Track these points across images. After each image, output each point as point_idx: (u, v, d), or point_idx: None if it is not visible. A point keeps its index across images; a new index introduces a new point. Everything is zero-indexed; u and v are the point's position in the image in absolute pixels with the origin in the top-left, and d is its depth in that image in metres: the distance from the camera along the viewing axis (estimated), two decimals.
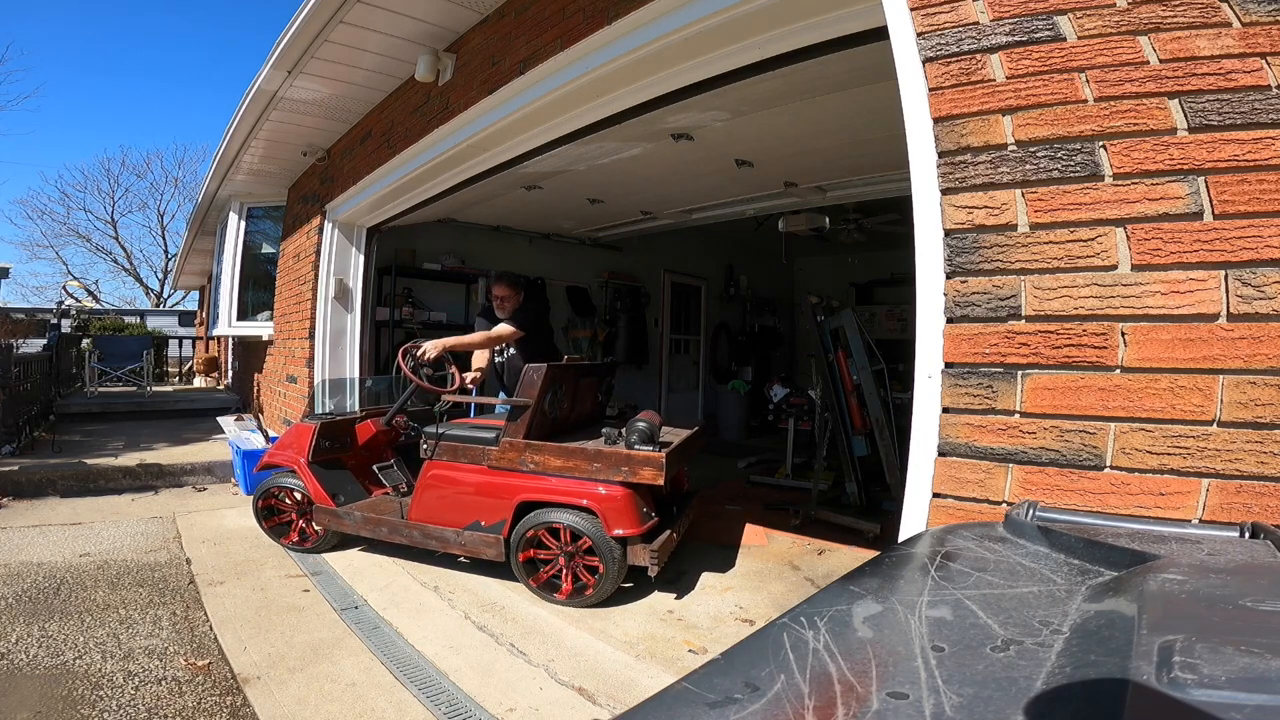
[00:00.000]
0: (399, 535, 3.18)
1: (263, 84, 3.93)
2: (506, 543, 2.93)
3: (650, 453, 2.80)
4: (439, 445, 3.16)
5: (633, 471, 2.78)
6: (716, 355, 8.88)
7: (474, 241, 6.63)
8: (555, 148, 3.30)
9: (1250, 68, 1.08)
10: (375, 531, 3.25)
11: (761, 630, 0.62)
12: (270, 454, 3.73)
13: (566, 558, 2.84)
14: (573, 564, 2.84)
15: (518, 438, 2.97)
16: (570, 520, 2.81)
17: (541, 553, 2.90)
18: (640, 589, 2.98)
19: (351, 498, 3.48)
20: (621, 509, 2.78)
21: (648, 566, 2.75)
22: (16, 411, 5.35)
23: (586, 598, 2.79)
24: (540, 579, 2.88)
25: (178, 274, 13.32)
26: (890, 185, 4.49)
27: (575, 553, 2.83)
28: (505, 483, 2.98)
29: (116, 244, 24.86)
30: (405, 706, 2.04)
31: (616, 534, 2.75)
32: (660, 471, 2.74)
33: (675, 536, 3.01)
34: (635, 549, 2.77)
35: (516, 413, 3.02)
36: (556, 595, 2.84)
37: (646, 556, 2.75)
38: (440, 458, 3.15)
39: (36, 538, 3.56)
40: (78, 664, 2.22)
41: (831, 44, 2.03)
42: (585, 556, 2.81)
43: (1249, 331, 1.01)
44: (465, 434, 3.15)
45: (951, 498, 1.23)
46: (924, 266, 1.30)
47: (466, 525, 3.03)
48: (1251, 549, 0.79)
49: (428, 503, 3.14)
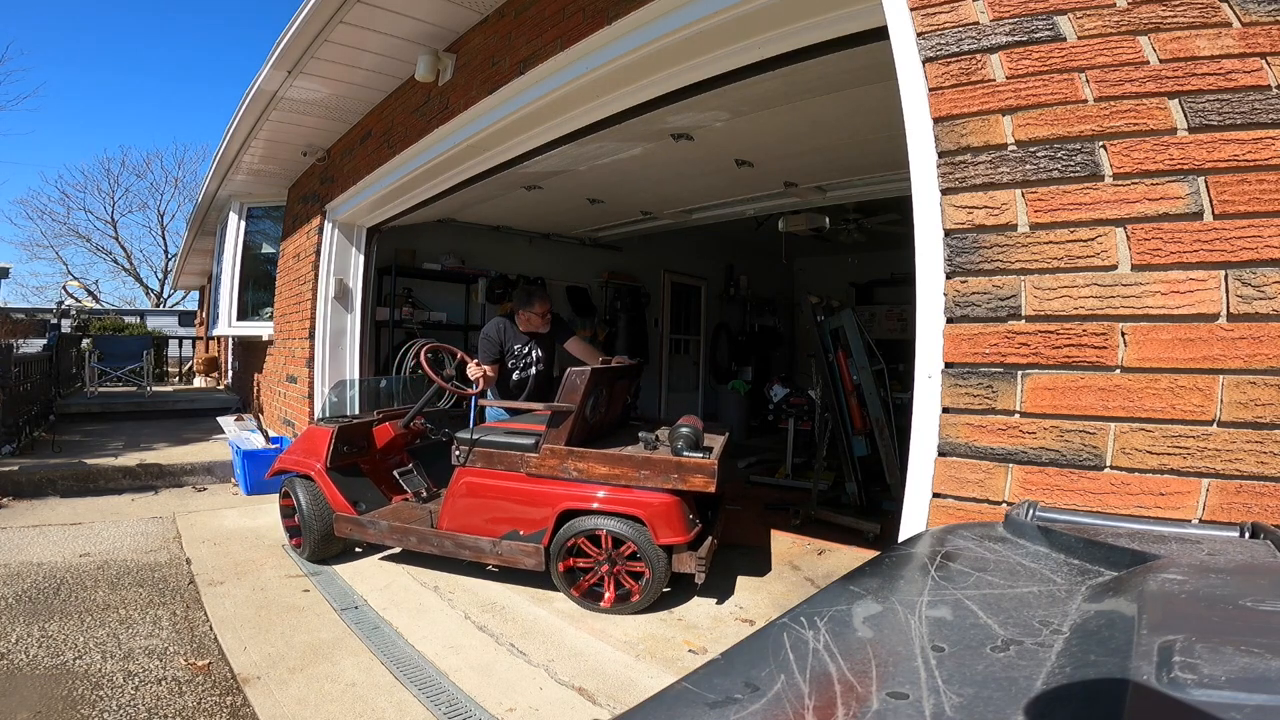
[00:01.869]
0: (429, 545, 3.06)
1: (263, 84, 3.93)
2: (546, 552, 2.82)
3: (702, 460, 2.72)
4: (473, 452, 3.03)
5: (683, 479, 2.71)
6: (716, 355, 8.88)
7: (474, 241, 6.63)
8: (555, 148, 3.29)
9: (1250, 68, 1.08)
10: (403, 541, 3.13)
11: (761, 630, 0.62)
12: (283, 459, 3.58)
13: (609, 565, 2.76)
14: (615, 572, 2.76)
15: (559, 444, 2.87)
16: (615, 528, 2.73)
17: (580, 561, 2.82)
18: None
19: (372, 505, 3.35)
20: (670, 517, 2.71)
21: (694, 574, 2.69)
22: (16, 411, 5.35)
23: (632, 604, 2.74)
24: (581, 588, 2.80)
25: (178, 274, 13.32)
26: (890, 185, 4.49)
27: (617, 560, 2.75)
28: (546, 491, 2.87)
29: (116, 244, 24.90)
30: (405, 706, 2.04)
31: (665, 542, 2.68)
32: (712, 479, 2.68)
33: (714, 541, 2.95)
34: (682, 556, 2.71)
35: (558, 419, 2.90)
36: (600, 604, 2.77)
37: (693, 563, 2.69)
38: (474, 464, 3.02)
39: (36, 538, 3.56)
40: (78, 664, 2.22)
41: (831, 44, 2.03)
42: (628, 563, 2.74)
43: (1249, 331, 1.01)
44: (502, 440, 3.03)
45: (951, 498, 1.23)
46: (924, 266, 1.30)
47: (504, 534, 2.91)
48: (1251, 549, 0.79)
49: (460, 511, 3.02)
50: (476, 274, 6.60)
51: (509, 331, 3.74)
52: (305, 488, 3.32)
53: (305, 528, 3.28)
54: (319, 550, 3.28)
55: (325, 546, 3.30)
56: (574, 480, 2.84)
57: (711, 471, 2.69)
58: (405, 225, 5.35)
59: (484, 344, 3.70)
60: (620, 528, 2.73)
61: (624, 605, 2.76)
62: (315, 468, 3.32)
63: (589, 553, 2.79)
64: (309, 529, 3.26)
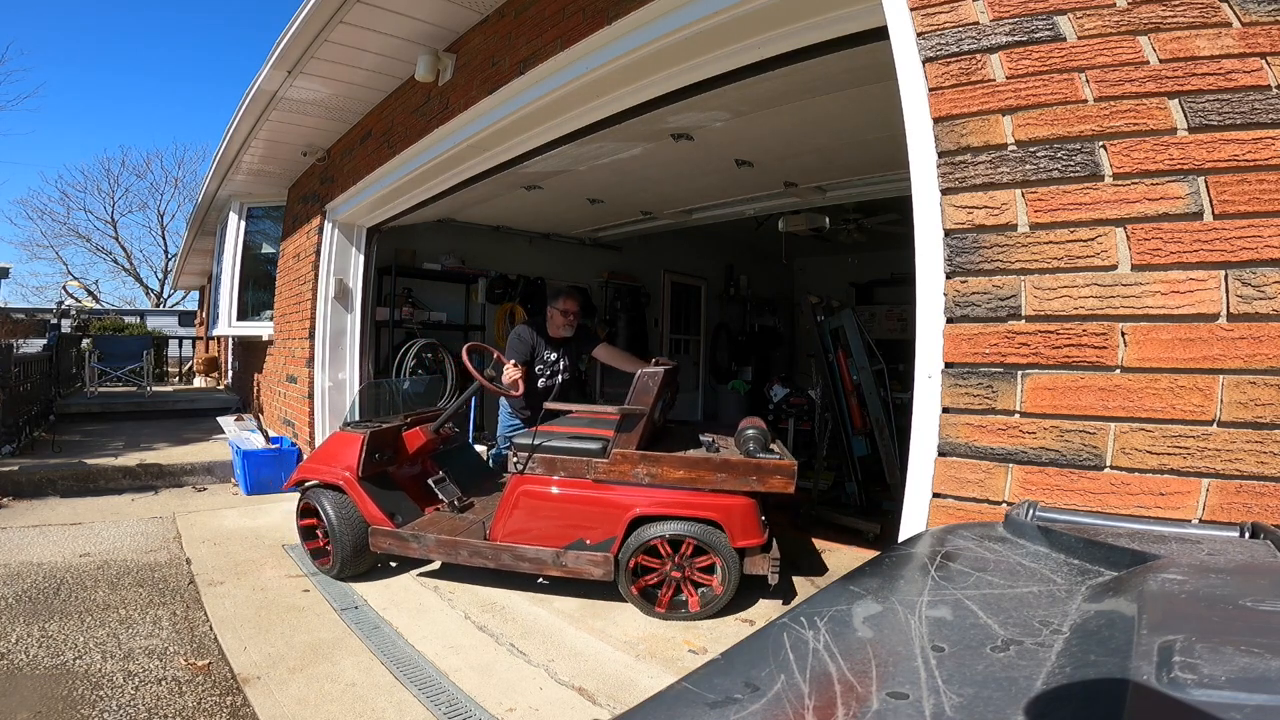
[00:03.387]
0: (481, 558, 2.87)
1: (263, 84, 3.93)
2: (616, 560, 2.71)
3: (781, 460, 2.67)
4: (532, 458, 2.86)
5: (761, 480, 2.66)
6: (716, 355, 8.88)
7: (474, 241, 6.63)
8: (555, 148, 3.29)
9: (1250, 68, 1.08)
10: (453, 555, 2.92)
11: (761, 630, 0.62)
12: (306, 469, 3.30)
13: (679, 571, 2.70)
14: (686, 576, 2.71)
15: (630, 448, 2.76)
16: (689, 532, 2.66)
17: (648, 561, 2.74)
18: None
19: (409, 516, 3.12)
20: (746, 519, 2.66)
21: (767, 575, 2.66)
22: (16, 411, 5.35)
23: (711, 606, 2.70)
24: (664, 601, 2.72)
25: (178, 274, 13.32)
26: (890, 185, 4.49)
27: (685, 566, 2.70)
28: (615, 497, 2.76)
29: (116, 244, 24.88)
30: (405, 706, 2.04)
31: (742, 545, 2.63)
32: (791, 480, 2.63)
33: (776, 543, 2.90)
34: (755, 558, 2.67)
35: (630, 422, 2.79)
36: (686, 610, 2.72)
37: (767, 565, 2.66)
38: (534, 471, 2.87)
39: (36, 538, 3.56)
40: (78, 664, 2.22)
41: (831, 44, 2.03)
42: (698, 566, 2.69)
43: (1249, 331, 1.01)
44: (565, 445, 2.88)
45: (951, 498, 1.23)
46: (924, 266, 1.30)
47: (569, 544, 2.77)
48: (1251, 549, 0.79)
49: (519, 521, 2.85)
50: (476, 274, 6.60)
51: (540, 338, 3.74)
52: (333, 499, 3.05)
53: (335, 543, 3.02)
54: (349, 567, 3.05)
55: (357, 562, 3.06)
56: (645, 485, 2.75)
57: (791, 472, 2.64)
58: (405, 225, 5.35)
59: (516, 344, 3.69)
60: (694, 532, 2.66)
61: (707, 608, 2.70)
62: (345, 477, 3.06)
63: (655, 560, 2.72)
64: (340, 544, 3.01)
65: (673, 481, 2.72)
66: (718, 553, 2.65)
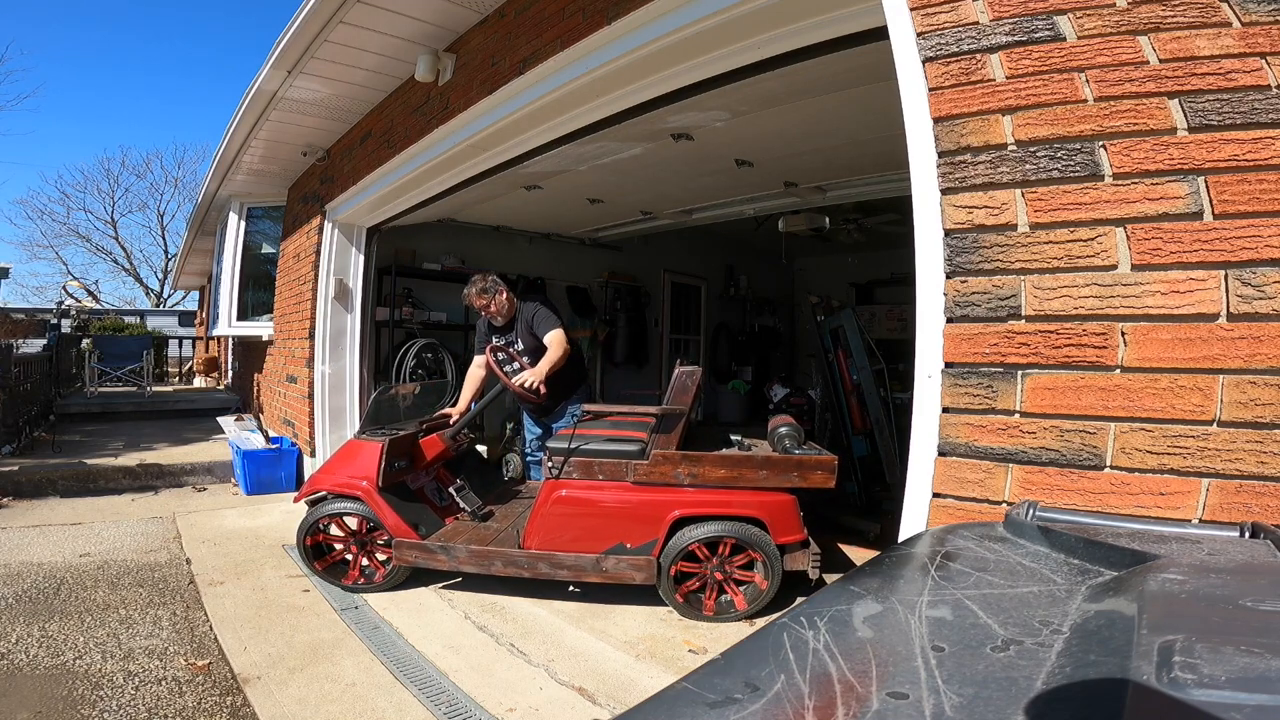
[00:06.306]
0: (517, 568, 2.78)
1: (262, 84, 3.93)
2: (657, 563, 2.67)
3: (822, 456, 2.67)
4: (568, 461, 2.79)
5: (803, 476, 2.66)
6: (716, 355, 8.88)
7: (474, 241, 6.63)
8: (555, 148, 3.29)
9: (1250, 68, 1.08)
10: (486, 566, 2.82)
11: (761, 630, 0.62)
12: (320, 480, 3.16)
13: (722, 572, 2.68)
14: (730, 576, 2.70)
15: (671, 449, 2.73)
16: (731, 532, 2.65)
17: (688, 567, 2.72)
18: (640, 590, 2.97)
19: (431, 527, 3.04)
20: (788, 516, 2.66)
21: (808, 570, 2.65)
22: (16, 411, 5.35)
23: (757, 603, 2.69)
24: (709, 606, 2.71)
25: (178, 274, 13.32)
26: (890, 185, 4.49)
27: (727, 565, 2.69)
28: (656, 498, 2.72)
29: (116, 244, 24.90)
30: (405, 706, 2.04)
31: (784, 541, 2.62)
32: (832, 475, 2.63)
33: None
34: (795, 555, 2.67)
35: (669, 422, 2.75)
36: (734, 609, 2.70)
37: (808, 560, 2.65)
38: (570, 475, 2.80)
39: (37, 538, 3.56)
40: (78, 664, 2.22)
41: (831, 44, 2.03)
42: (739, 567, 2.68)
43: (1249, 331, 1.01)
44: (602, 448, 2.82)
45: (951, 497, 1.23)
46: (924, 266, 1.30)
47: (608, 549, 2.71)
48: (1251, 549, 0.79)
49: (554, 527, 2.77)
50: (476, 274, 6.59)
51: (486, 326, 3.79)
52: (353, 511, 3.01)
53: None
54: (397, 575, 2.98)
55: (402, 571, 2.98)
56: (686, 486, 2.72)
57: (832, 467, 2.65)
58: (405, 225, 5.35)
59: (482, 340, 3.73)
60: (737, 531, 2.65)
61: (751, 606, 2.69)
62: (363, 487, 2.96)
63: (694, 565, 2.70)
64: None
65: (714, 481, 2.70)
66: (761, 550, 2.64)
